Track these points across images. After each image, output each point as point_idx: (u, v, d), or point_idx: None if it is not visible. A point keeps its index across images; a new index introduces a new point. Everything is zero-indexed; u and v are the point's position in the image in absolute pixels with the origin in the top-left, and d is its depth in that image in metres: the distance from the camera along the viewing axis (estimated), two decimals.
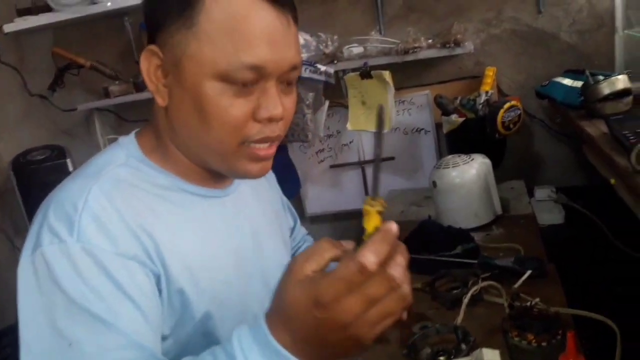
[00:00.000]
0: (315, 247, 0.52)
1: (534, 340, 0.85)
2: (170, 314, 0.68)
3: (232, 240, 0.76)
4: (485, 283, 0.98)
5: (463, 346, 0.87)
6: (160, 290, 0.66)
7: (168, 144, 0.71)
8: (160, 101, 0.67)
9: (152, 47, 0.66)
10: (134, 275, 0.62)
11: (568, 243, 1.33)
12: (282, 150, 1.85)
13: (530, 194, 1.57)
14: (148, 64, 0.66)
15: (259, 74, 0.63)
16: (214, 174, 0.74)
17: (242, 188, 0.82)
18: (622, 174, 0.96)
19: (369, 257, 0.47)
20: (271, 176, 0.97)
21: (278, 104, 0.65)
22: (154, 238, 0.66)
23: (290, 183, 1.83)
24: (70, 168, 1.84)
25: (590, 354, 0.87)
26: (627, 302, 1.02)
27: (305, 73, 1.59)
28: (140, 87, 1.85)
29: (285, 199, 1.03)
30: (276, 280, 0.54)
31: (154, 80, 0.67)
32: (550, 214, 1.42)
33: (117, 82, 1.89)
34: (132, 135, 0.74)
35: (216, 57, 0.62)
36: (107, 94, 1.90)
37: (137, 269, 0.63)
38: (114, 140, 0.75)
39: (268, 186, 0.94)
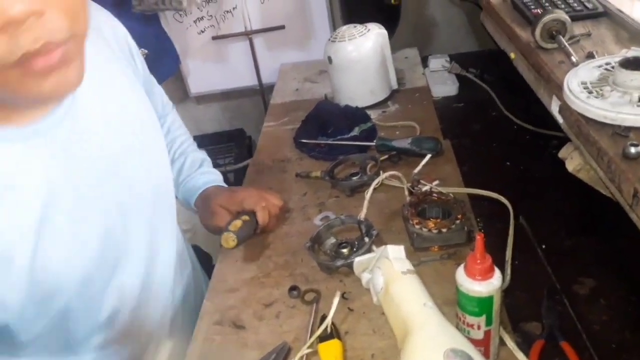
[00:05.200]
0: None
1: (434, 227, 0.85)
2: None
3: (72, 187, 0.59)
4: (386, 174, 0.95)
5: (366, 239, 0.85)
6: None
7: None
8: None
9: None
10: None
11: (460, 114, 1.33)
12: (153, 21, 1.58)
13: (424, 63, 1.53)
14: None
15: None
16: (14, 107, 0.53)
17: (81, 98, 0.61)
18: (524, 48, 0.91)
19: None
20: (127, 55, 0.77)
21: None
22: None
23: (167, 59, 1.61)
24: None
25: (486, 230, 0.90)
26: (517, 176, 1.05)
27: None
28: None
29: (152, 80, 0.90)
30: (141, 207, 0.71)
31: None
32: (444, 86, 1.39)
33: None
34: None
35: None
36: None
37: None
38: None
39: (123, 71, 0.73)
